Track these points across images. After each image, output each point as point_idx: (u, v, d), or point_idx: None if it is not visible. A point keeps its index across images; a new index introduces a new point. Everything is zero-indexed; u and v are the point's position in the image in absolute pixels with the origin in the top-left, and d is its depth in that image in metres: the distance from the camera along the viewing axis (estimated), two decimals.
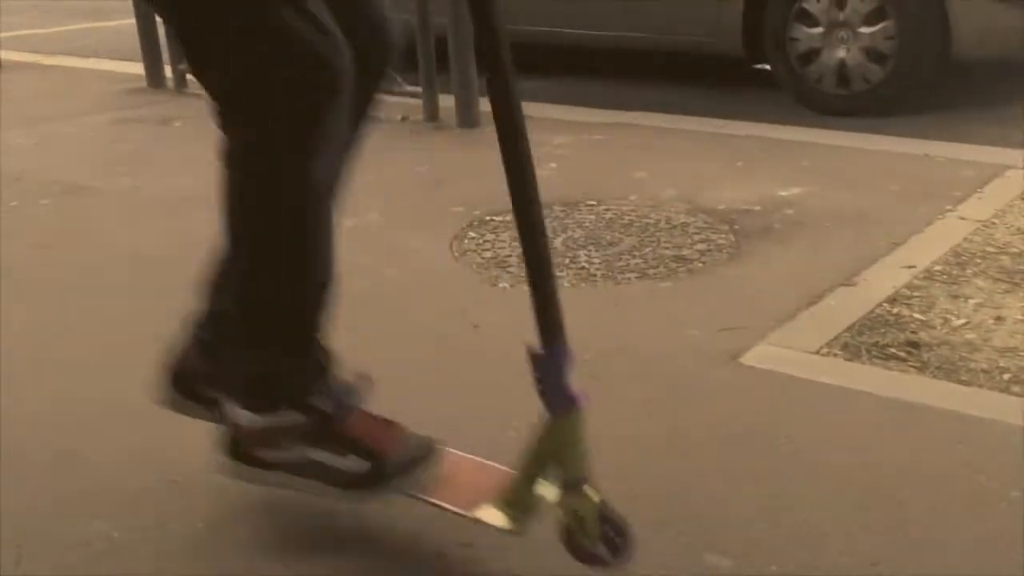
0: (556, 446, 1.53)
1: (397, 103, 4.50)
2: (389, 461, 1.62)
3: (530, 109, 4.46)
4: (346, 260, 2.97)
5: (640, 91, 4.94)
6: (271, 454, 1.63)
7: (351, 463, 1.61)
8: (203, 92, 1.47)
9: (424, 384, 2.26)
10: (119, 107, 5.09)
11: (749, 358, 2.25)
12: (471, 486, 1.63)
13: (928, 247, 2.80)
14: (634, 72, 5.23)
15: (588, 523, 1.55)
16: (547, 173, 3.63)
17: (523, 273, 2.80)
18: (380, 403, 2.18)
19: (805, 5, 4.45)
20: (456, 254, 2.97)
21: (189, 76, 5.15)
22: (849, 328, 2.35)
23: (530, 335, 2.43)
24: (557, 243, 2.99)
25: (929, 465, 1.85)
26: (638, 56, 5.26)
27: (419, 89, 4.36)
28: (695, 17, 4.70)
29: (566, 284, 2.73)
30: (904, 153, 3.64)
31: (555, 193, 3.39)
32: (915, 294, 2.52)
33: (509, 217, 3.22)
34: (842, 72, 4.40)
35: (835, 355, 2.25)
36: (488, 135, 4.84)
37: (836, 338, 2.31)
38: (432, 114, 4.36)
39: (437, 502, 1.61)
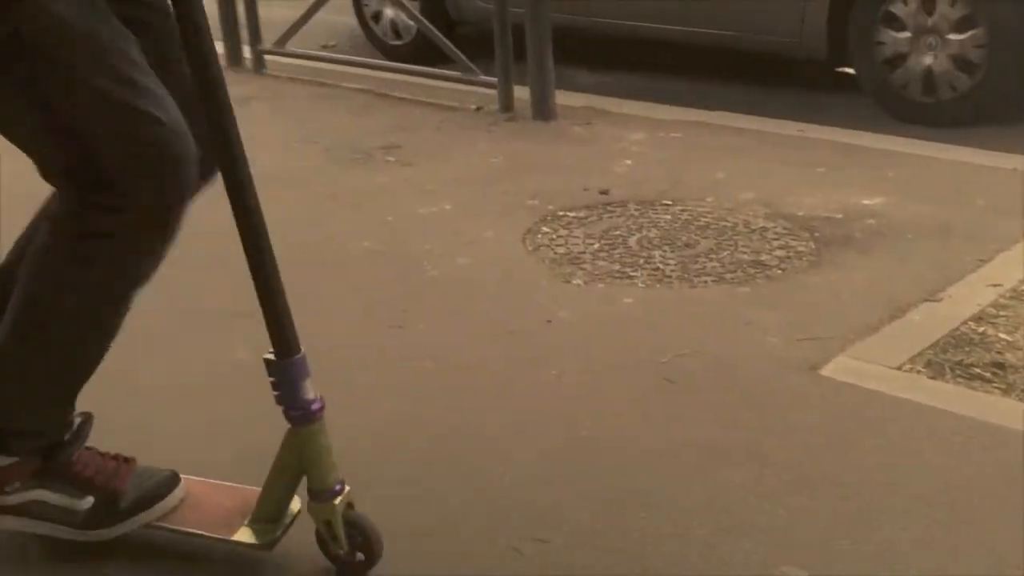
0: (298, 456, 1.57)
1: (472, 92, 4.50)
2: (124, 497, 1.64)
3: (606, 104, 4.46)
4: (419, 247, 3.01)
5: (719, 90, 4.87)
6: None
7: (83, 502, 1.62)
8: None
9: (492, 381, 2.25)
10: None
11: (829, 370, 2.21)
12: (218, 510, 1.66)
13: (1016, 266, 2.71)
14: (713, 70, 5.17)
15: (337, 531, 1.58)
16: (622, 170, 3.60)
17: (598, 272, 2.81)
18: (446, 395, 2.18)
19: (892, 8, 4.34)
20: (529, 248, 2.96)
21: (268, 57, 5.20)
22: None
23: (605, 333, 2.43)
24: (631, 242, 2.96)
25: (1017, 490, 1.80)
26: (718, 54, 5.19)
27: (495, 79, 4.35)
28: (779, 16, 4.62)
29: (640, 284, 2.70)
30: (992, 167, 3.53)
31: (630, 191, 3.35)
32: (1002, 313, 2.45)
33: (583, 213, 3.20)
34: (928, 79, 4.28)
35: (918, 372, 2.20)
36: (563, 128, 4.76)
37: (920, 354, 2.25)
38: (507, 105, 4.34)
39: (187, 529, 1.65)
